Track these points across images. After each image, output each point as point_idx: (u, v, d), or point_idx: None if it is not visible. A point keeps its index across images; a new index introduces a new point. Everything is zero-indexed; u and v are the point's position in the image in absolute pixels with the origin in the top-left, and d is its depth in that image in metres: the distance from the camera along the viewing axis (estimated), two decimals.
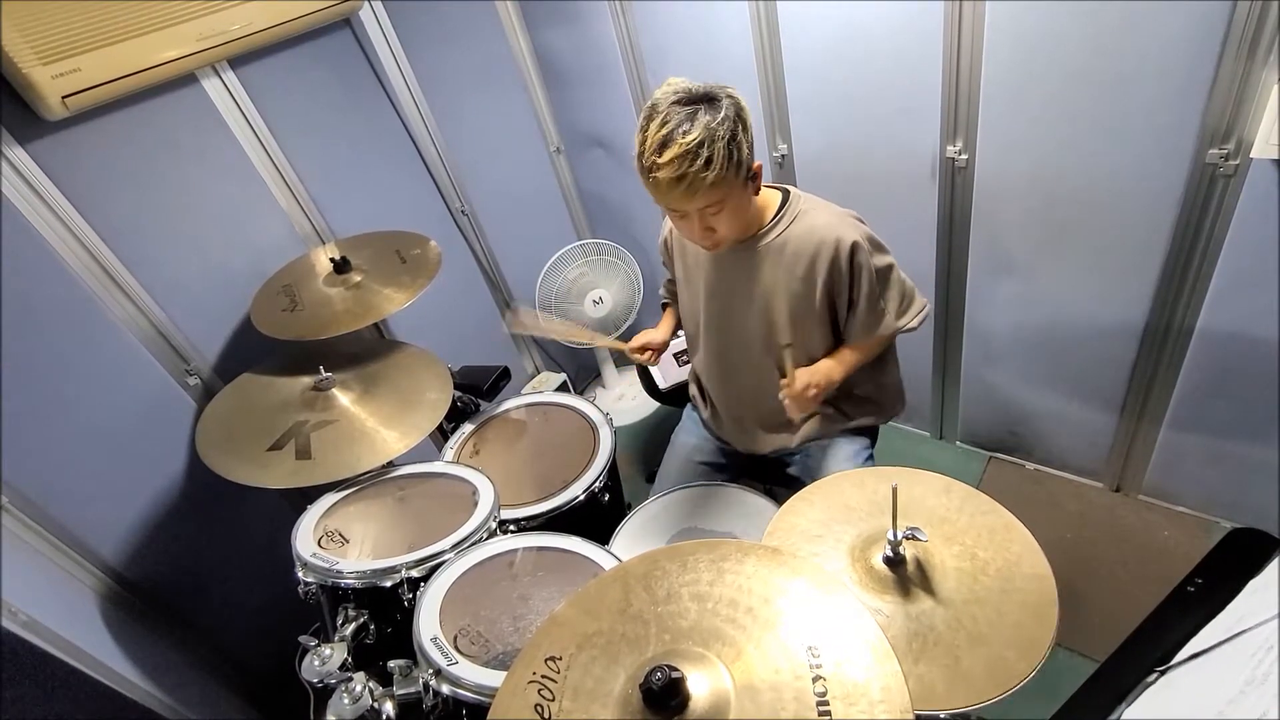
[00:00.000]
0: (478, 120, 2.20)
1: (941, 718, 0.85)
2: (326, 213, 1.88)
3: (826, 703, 0.67)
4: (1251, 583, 0.87)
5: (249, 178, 1.71)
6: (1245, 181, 1.36)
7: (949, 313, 1.93)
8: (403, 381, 1.54)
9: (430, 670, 1.04)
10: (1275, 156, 1.29)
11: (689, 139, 1.06)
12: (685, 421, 1.66)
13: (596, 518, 1.49)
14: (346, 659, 1.13)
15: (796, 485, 1.13)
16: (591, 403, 1.70)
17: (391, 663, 1.09)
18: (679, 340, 1.60)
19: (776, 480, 1.59)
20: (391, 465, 1.45)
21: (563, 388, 2.46)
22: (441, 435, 1.72)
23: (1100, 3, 1.35)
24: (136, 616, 1.56)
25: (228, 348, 1.71)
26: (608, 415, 1.65)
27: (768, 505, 1.42)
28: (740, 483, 1.50)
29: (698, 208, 1.14)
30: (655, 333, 1.53)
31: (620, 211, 2.49)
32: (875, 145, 1.78)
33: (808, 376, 1.27)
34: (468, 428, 1.69)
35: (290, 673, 1.14)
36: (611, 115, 2.24)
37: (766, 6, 1.72)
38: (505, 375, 1.77)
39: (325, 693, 1.08)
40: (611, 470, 1.56)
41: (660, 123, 1.08)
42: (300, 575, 1.25)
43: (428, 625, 1.11)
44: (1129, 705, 0.82)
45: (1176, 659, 0.83)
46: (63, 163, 1.40)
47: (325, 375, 1.49)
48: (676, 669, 0.69)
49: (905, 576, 0.94)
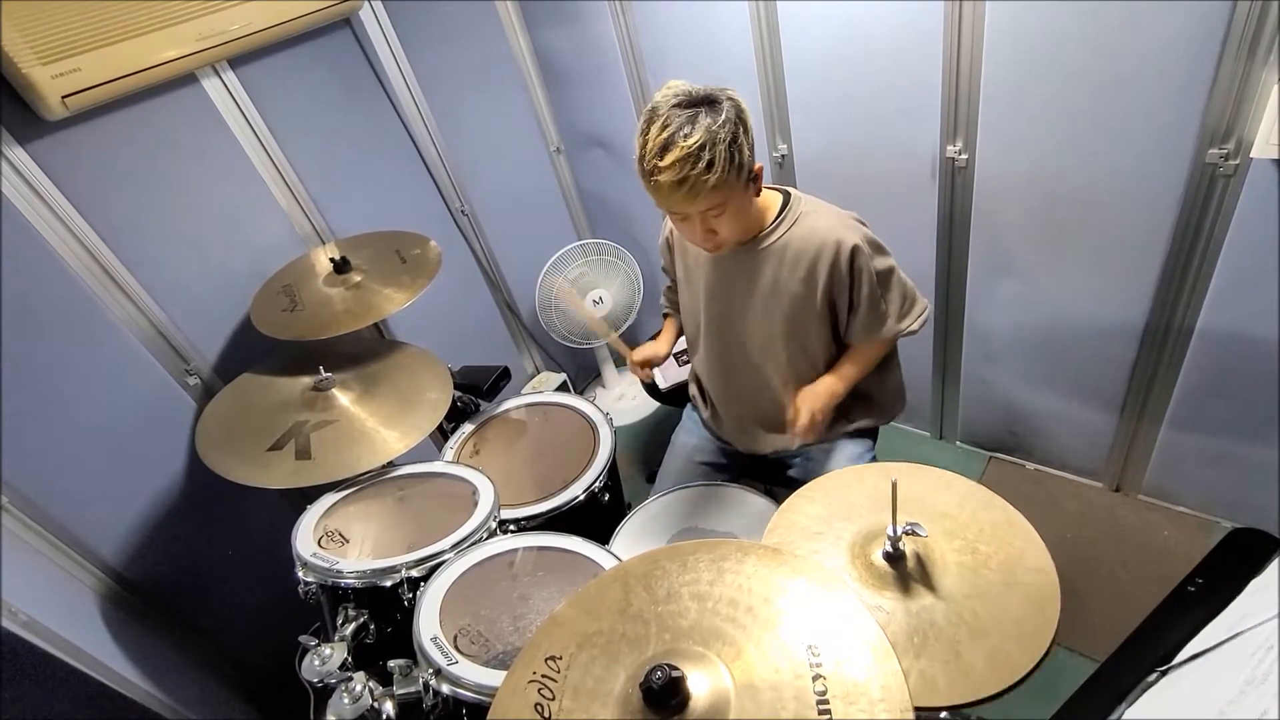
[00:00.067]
0: (478, 120, 2.20)
1: (942, 716, 0.85)
2: (326, 213, 1.88)
3: (826, 702, 0.67)
4: (1252, 582, 0.87)
5: (249, 178, 1.71)
6: (1245, 181, 1.36)
7: (949, 313, 1.93)
8: (403, 381, 1.54)
9: (430, 670, 1.05)
10: (1275, 156, 1.29)
11: (690, 142, 1.06)
12: (685, 421, 1.66)
13: (596, 518, 1.49)
14: (346, 659, 1.13)
15: (797, 487, 1.12)
16: (591, 403, 1.70)
17: (391, 662, 1.09)
18: (679, 341, 1.61)
19: (777, 481, 1.59)
20: (391, 465, 1.45)
21: (563, 388, 2.46)
22: (441, 435, 1.72)
23: (1100, 3, 1.35)
24: (136, 616, 1.56)
25: (228, 348, 1.71)
26: (608, 415, 1.65)
27: (768, 505, 1.42)
28: (740, 483, 1.50)
29: (699, 210, 1.14)
30: (657, 346, 1.54)
31: (620, 211, 2.49)
32: (875, 145, 1.78)
33: (811, 404, 1.28)
34: (468, 428, 1.69)
35: (290, 673, 1.14)
36: (611, 115, 2.24)
37: (766, 6, 1.72)
38: (505, 375, 1.77)
39: (325, 693, 1.08)
40: (611, 470, 1.56)
41: (661, 126, 1.08)
42: (300, 575, 1.25)
43: (428, 625, 1.11)
44: (1129, 705, 0.82)
45: (1177, 659, 0.83)
46: (63, 163, 1.41)
47: (325, 375, 1.49)
48: (677, 668, 0.69)
49: (905, 572, 0.94)
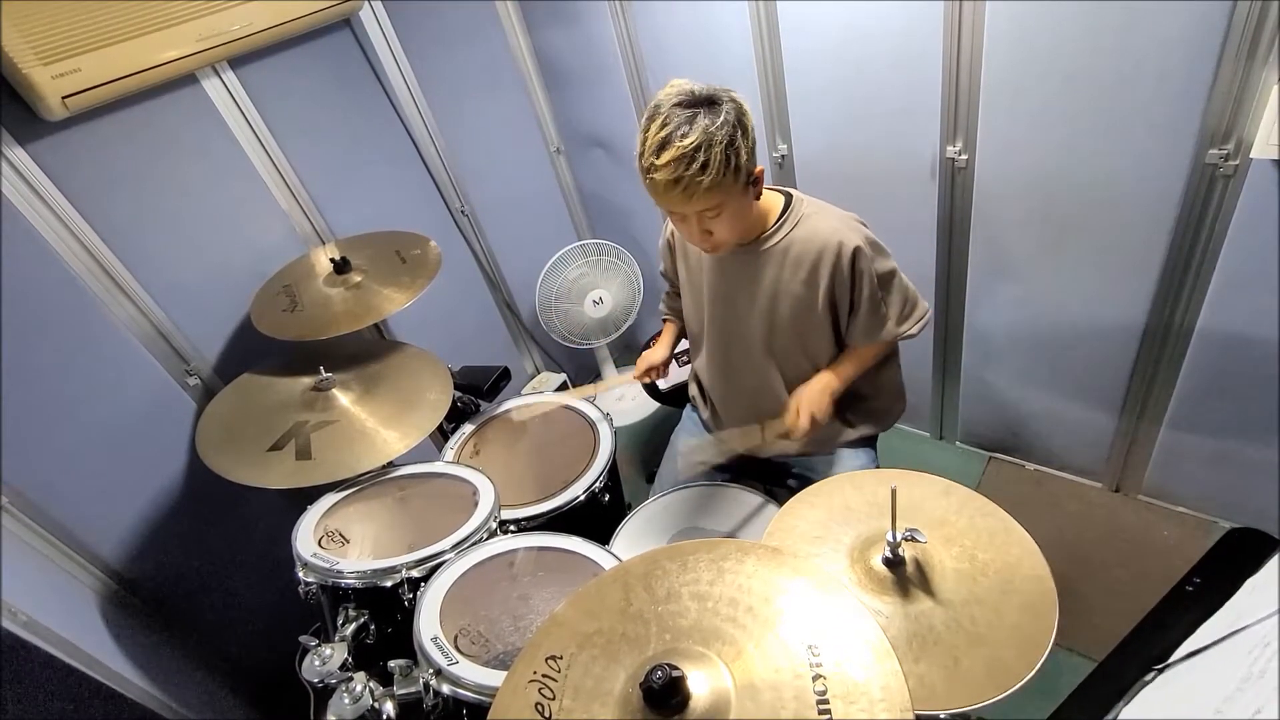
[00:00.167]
0: (478, 120, 2.20)
1: (941, 718, 0.85)
2: (326, 213, 1.88)
3: (826, 702, 0.67)
4: (1249, 581, 0.87)
5: (249, 178, 1.71)
6: (1245, 181, 1.36)
7: (949, 313, 1.93)
8: (403, 382, 1.55)
9: (430, 670, 1.05)
10: (1275, 156, 1.29)
11: (686, 142, 1.06)
12: (685, 422, 1.66)
13: (596, 518, 1.49)
14: (347, 659, 1.13)
15: (796, 491, 1.12)
16: (591, 403, 1.70)
17: (392, 663, 1.09)
18: (681, 342, 1.62)
19: (777, 483, 1.59)
20: (392, 465, 1.45)
21: (563, 388, 2.46)
22: (441, 435, 1.72)
23: (1100, 3, 1.35)
24: (136, 616, 1.56)
25: (228, 348, 1.71)
26: (608, 415, 1.65)
27: (768, 505, 1.43)
28: (741, 483, 1.50)
29: (695, 211, 1.14)
30: (655, 353, 1.55)
31: (620, 212, 2.49)
32: (875, 145, 1.78)
33: (809, 405, 1.28)
34: (468, 428, 1.69)
35: (290, 673, 1.14)
36: (611, 116, 2.24)
37: (766, 6, 1.72)
38: (505, 375, 1.77)
39: (325, 693, 1.08)
40: (611, 470, 1.56)
41: (660, 124, 1.09)
42: (301, 575, 1.25)
43: (428, 625, 1.11)
44: (1127, 703, 0.83)
45: (1174, 657, 0.83)
46: (63, 163, 1.41)
47: (325, 375, 1.49)
48: (677, 668, 0.69)
49: (904, 578, 0.94)
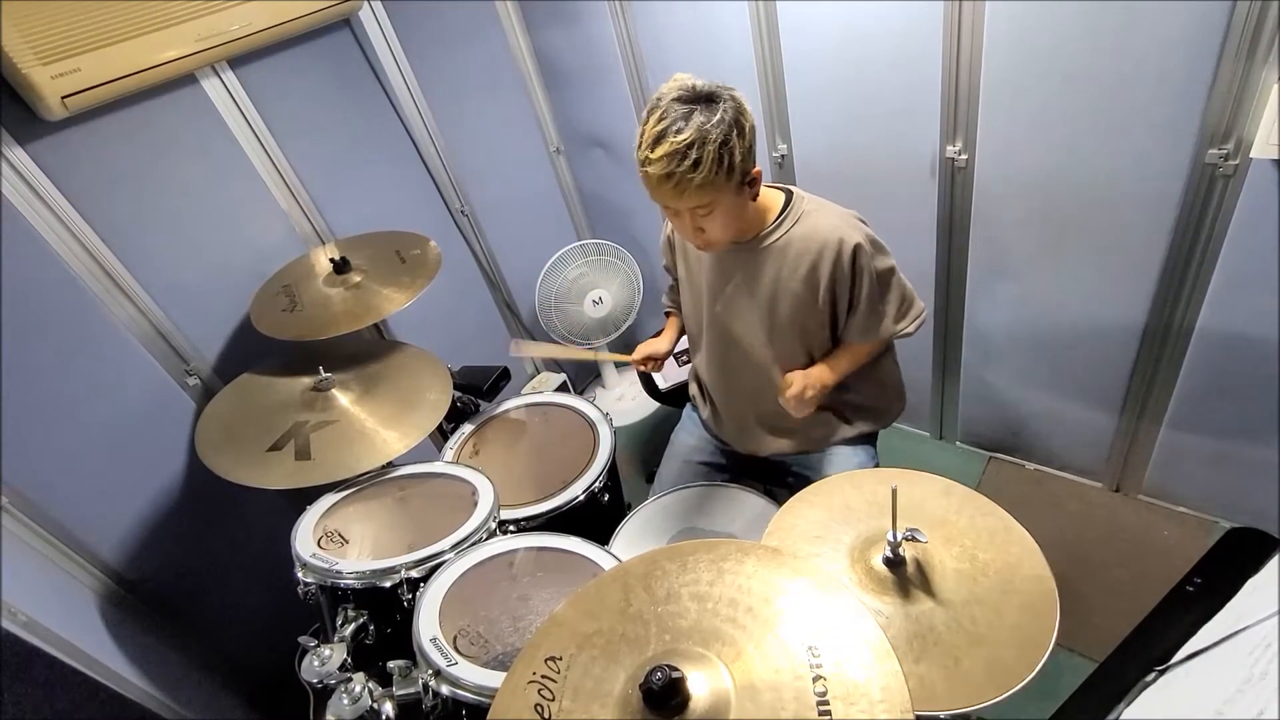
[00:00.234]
0: (478, 120, 2.20)
1: (941, 718, 0.85)
2: (326, 213, 1.88)
3: (826, 702, 0.67)
4: (1250, 581, 0.87)
5: (249, 178, 1.71)
6: (1245, 181, 1.36)
7: (949, 312, 1.93)
8: (403, 382, 1.54)
9: (430, 671, 1.04)
10: (1275, 156, 1.29)
11: (679, 139, 1.07)
12: (685, 421, 1.66)
13: (596, 518, 1.49)
14: (346, 659, 1.13)
15: (796, 490, 1.12)
16: (591, 403, 1.70)
17: (391, 663, 1.09)
18: (680, 340, 1.61)
19: (776, 483, 1.59)
20: (391, 465, 1.45)
21: (562, 388, 2.46)
22: (441, 435, 1.71)
23: (1100, 3, 1.35)
24: (136, 616, 1.56)
25: (227, 348, 1.71)
26: (607, 415, 1.65)
27: (768, 505, 1.42)
28: (740, 483, 1.50)
29: (687, 207, 1.15)
30: (658, 343, 1.54)
31: (620, 211, 2.49)
32: (875, 145, 1.78)
33: (803, 379, 1.28)
34: (467, 428, 1.69)
35: (290, 673, 1.14)
36: (611, 115, 2.23)
37: (766, 6, 1.72)
38: (505, 375, 1.77)
39: (325, 693, 1.08)
40: (611, 470, 1.56)
41: (658, 118, 1.09)
42: (300, 576, 1.25)
43: (427, 626, 1.11)
44: (1128, 704, 0.82)
45: (1175, 658, 0.83)
46: (62, 163, 1.40)
47: (325, 375, 1.49)
48: (677, 669, 0.69)
49: (905, 578, 0.94)
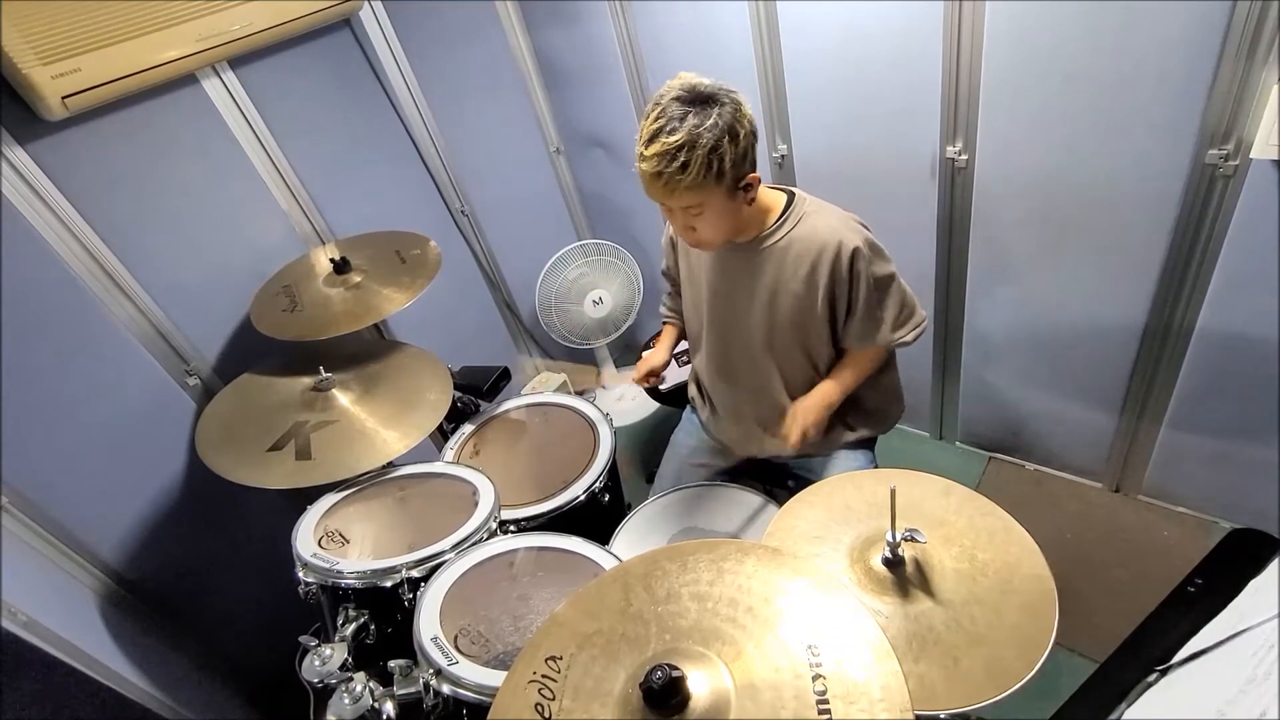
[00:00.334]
0: (478, 120, 2.20)
1: (941, 718, 0.85)
2: (326, 213, 1.88)
3: (826, 702, 0.67)
4: (1252, 582, 0.87)
5: (249, 178, 1.71)
6: (1245, 182, 1.36)
7: (949, 313, 1.93)
8: (403, 382, 1.54)
9: (430, 670, 1.05)
10: (1275, 157, 1.29)
11: (670, 140, 1.07)
12: (684, 423, 1.66)
13: (596, 518, 1.49)
14: (347, 659, 1.13)
15: (796, 491, 1.12)
16: (591, 403, 1.70)
17: (392, 663, 1.09)
18: (680, 343, 1.61)
19: (776, 484, 1.59)
20: (391, 465, 1.45)
21: (563, 388, 2.46)
22: (441, 435, 1.72)
23: (1100, 3, 1.35)
24: (137, 616, 1.56)
25: (228, 348, 1.71)
26: (608, 415, 1.65)
27: (768, 505, 1.42)
28: (740, 483, 1.50)
29: (679, 206, 1.15)
30: (655, 356, 1.55)
31: (620, 211, 2.49)
32: (875, 145, 1.78)
33: (804, 419, 1.29)
34: (468, 428, 1.69)
35: (290, 673, 1.14)
36: (611, 115, 2.24)
37: (766, 6, 1.72)
38: (505, 375, 1.77)
39: (325, 693, 1.08)
40: (611, 470, 1.56)
41: (655, 116, 1.10)
42: (300, 575, 1.25)
43: (428, 625, 1.11)
44: (1129, 705, 0.82)
45: (1176, 658, 0.83)
46: (63, 163, 1.41)
47: (325, 375, 1.49)
48: (677, 668, 0.69)
49: (904, 578, 0.94)
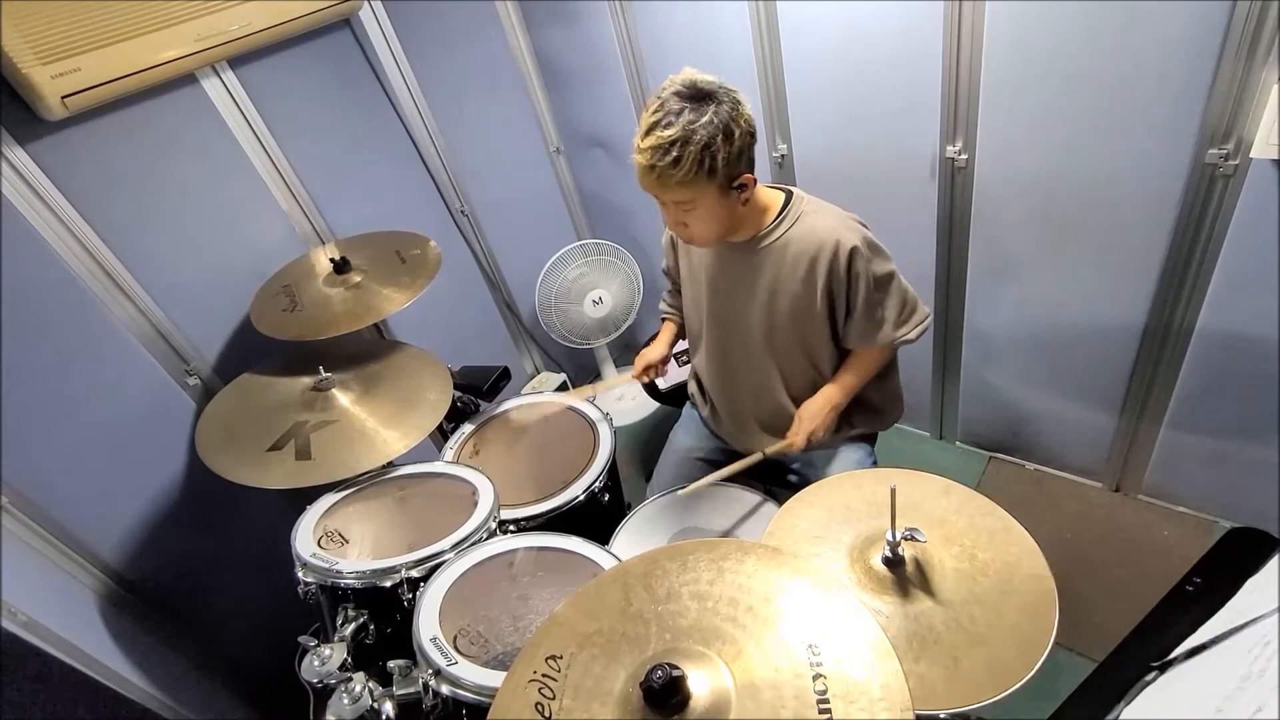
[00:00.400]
0: (478, 120, 2.20)
1: (941, 718, 0.85)
2: (326, 213, 1.88)
3: (827, 701, 0.67)
4: (1250, 580, 0.87)
5: (249, 178, 1.71)
6: (1245, 181, 1.36)
7: (949, 313, 1.93)
8: (403, 381, 1.54)
9: (430, 670, 1.04)
10: (1275, 156, 1.29)
11: (665, 134, 1.08)
12: (684, 420, 1.66)
13: (596, 518, 1.49)
14: (346, 659, 1.13)
15: (796, 490, 1.12)
16: (591, 403, 1.70)
17: (391, 663, 1.09)
18: (680, 342, 1.62)
19: (776, 482, 1.59)
20: (391, 465, 1.45)
21: (562, 388, 2.46)
22: (441, 435, 1.72)
23: (1100, 3, 1.35)
24: (136, 616, 1.56)
25: (227, 348, 1.71)
26: (607, 415, 1.65)
27: (768, 505, 1.42)
28: (740, 482, 1.50)
29: (671, 200, 1.16)
30: (653, 351, 1.55)
31: (620, 211, 2.49)
32: (875, 145, 1.78)
33: (809, 424, 1.31)
34: (468, 428, 1.69)
35: (290, 673, 1.14)
36: (611, 116, 2.24)
37: (766, 6, 1.72)
38: (505, 375, 1.77)
39: (325, 693, 1.08)
40: (611, 470, 1.56)
41: (654, 109, 1.10)
42: (300, 575, 1.25)
43: (427, 625, 1.11)
44: (1128, 704, 0.82)
45: (1174, 654, 0.83)
46: (62, 163, 1.41)
47: (325, 375, 1.49)
48: (677, 667, 0.69)
49: (904, 577, 0.94)
